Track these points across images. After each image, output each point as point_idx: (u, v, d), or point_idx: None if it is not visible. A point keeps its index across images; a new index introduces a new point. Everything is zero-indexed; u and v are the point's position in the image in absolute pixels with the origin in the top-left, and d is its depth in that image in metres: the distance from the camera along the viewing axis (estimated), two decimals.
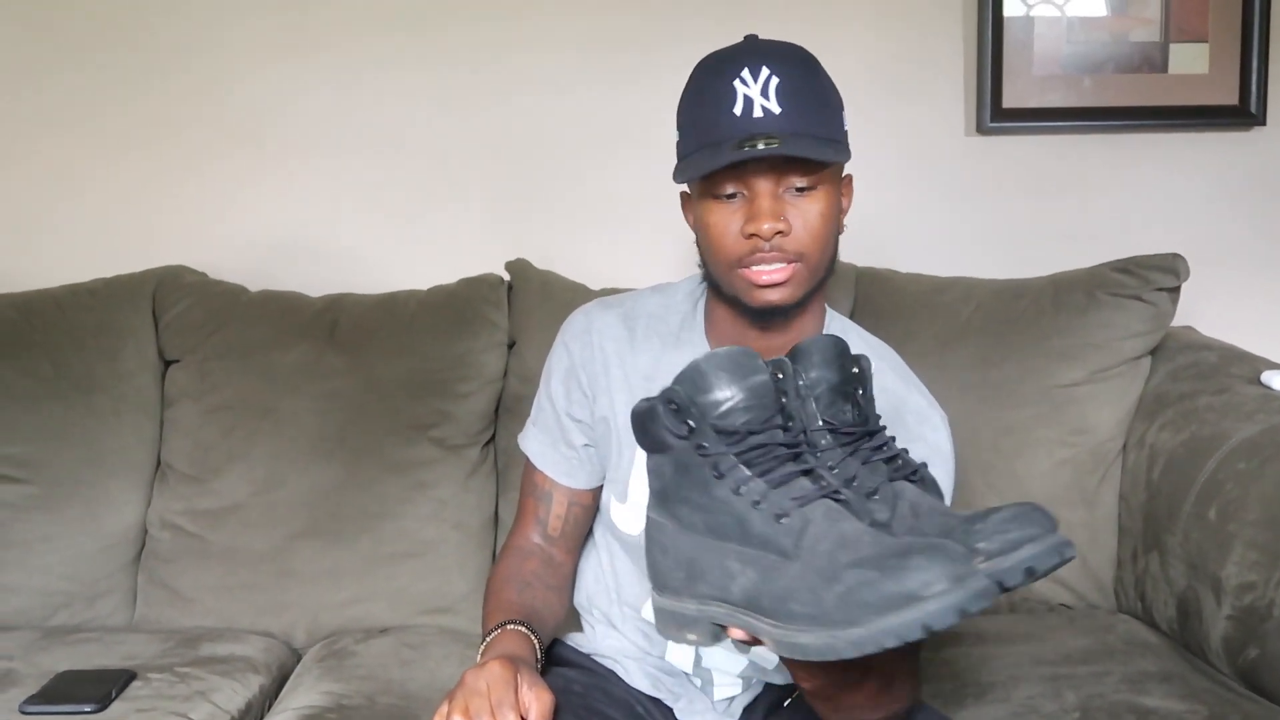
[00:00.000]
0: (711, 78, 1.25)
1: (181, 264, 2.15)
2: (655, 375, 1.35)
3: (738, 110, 1.21)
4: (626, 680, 1.40)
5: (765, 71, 1.21)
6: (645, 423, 1.03)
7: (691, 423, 0.99)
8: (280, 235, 2.26)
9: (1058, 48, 2.20)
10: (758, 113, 1.20)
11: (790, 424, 1.02)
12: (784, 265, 1.24)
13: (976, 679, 1.59)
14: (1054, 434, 1.89)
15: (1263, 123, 2.22)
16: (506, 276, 2.09)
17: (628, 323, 1.40)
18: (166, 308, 2.07)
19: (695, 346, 1.36)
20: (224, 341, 2.02)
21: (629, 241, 2.23)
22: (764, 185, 1.22)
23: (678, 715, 1.38)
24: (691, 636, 1.02)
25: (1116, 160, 2.25)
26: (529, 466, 1.46)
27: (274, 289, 2.12)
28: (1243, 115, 2.21)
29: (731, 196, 1.24)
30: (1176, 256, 1.90)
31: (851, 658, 0.88)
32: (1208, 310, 2.12)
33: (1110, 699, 1.50)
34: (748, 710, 1.40)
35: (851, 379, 1.09)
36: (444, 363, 1.98)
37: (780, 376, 1.03)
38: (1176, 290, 1.91)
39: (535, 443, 1.45)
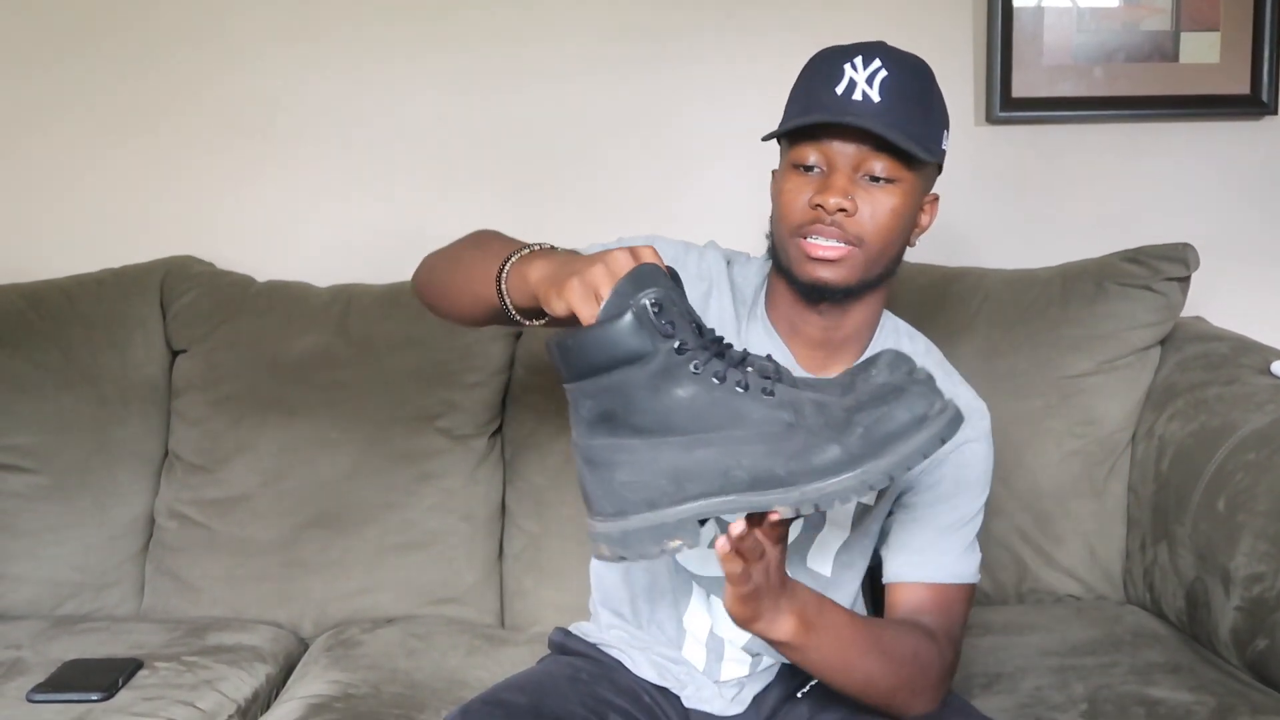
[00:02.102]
0: (826, 60, 1.28)
1: (189, 254, 2.16)
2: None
3: (839, 89, 1.24)
4: (633, 670, 1.40)
5: (877, 63, 1.24)
6: (611, 338, 0.99)
7: (669, 320, 0.99)
8: (288, 225, 2.26)
9: (1068, 37, 2.19)
10: (857, 96, 1.23)
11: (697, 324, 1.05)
12: (840, 245, 1.26)
13: (984, 669, 1.59)
14: (1062, 425, 1.88)
15: (1274, 112, 2.20)
16: None
17: (727, 278, 1.40)
18: (174, 298, 2.07)
19: (758, 322, 1.38)
20: (232, 332, 2.03)
21: (639, 231, 2.22)
22: (843, 162, 1.25)
23: (685, 703, 1.38)
24: (674, 543, 1.01)
25: (1126, 150, 2.24)
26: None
27: (281, 279, 2.12)
28: (1254, 105, 2.19)
29: (810, 169, 1.26)
30: (1186, 246, 1.89)
31: (884, 487, 1.01)
32: (1218, 300, 2.11)
33: (1118, 690, 1.50)
34: (757, 700, 1.40)
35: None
36: (451, 353, 1.98)
37: (675, 285, 1.04)
38: (1186, 280, 1.90)
39: (595, 249, 1.38)
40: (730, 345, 1.06)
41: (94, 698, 1.58)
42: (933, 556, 1.33)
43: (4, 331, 2.02)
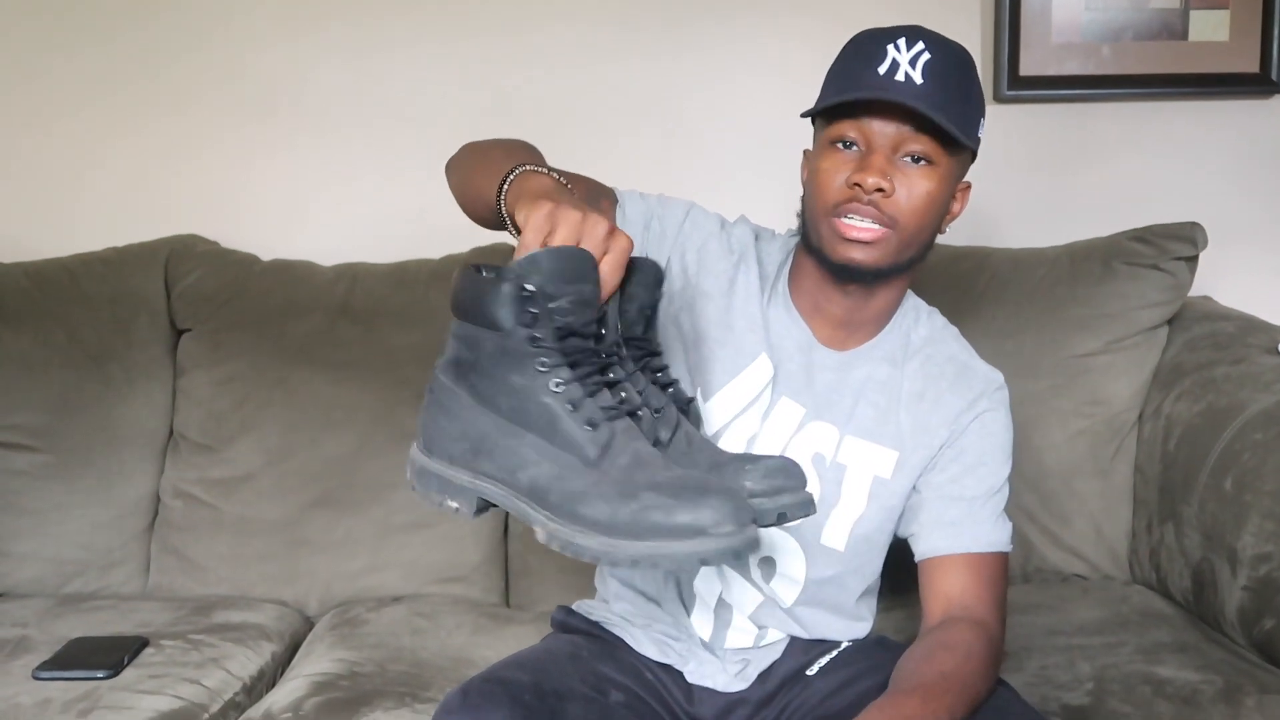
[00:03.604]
0: (868, 40, 1.27)
1: (194, 233, 2.15)
2: (734, 314, 1.36)
3: (882, 69, 1.23)
4: (635, 648, 1.40)
5: (920, 45, 1.23)
6: (483, 297, 1.01)
7: (535, 311, 1.00)
8: (292, 205, 2.25)
9: (1076, 15, 2.17)
10: (900, 76, 1.23)
11: (604, 332, 1.05)
12: (875, 226, 1.25)
13: None
14: (1070, 405, 1.87)
15: None
16: None
17: (755, 253, 1.40)
18: (179, 277, 2.07)
19: (780, 299, 1.38)
20: (236, 311, 2.03)
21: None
22: (882, 142, 1.24)
23: (688, 678, 1.38)
24: (453, 504, 1.03)
25: (1135, 129, 2.23)
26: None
27: (286, 258, 2.12)
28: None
29: (849, 146, 1.26)
30: (1195, 225, 1.88)
31: (624, 570, 0.99)
32: (1226, 280, 2.10)
33: (1125, 670, 1.50)
34: (762, 676, 1.39)
35: (657, 302, 1.15)
36: None
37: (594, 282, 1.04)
38: (1194, 259, 1.89)
39: (634, 194, 1.39)
40: (630, 367, 1.07)
41: (100, 675, 1.58)
42: (967, 527, 1.34)
43: (9, 310, 2.02)
